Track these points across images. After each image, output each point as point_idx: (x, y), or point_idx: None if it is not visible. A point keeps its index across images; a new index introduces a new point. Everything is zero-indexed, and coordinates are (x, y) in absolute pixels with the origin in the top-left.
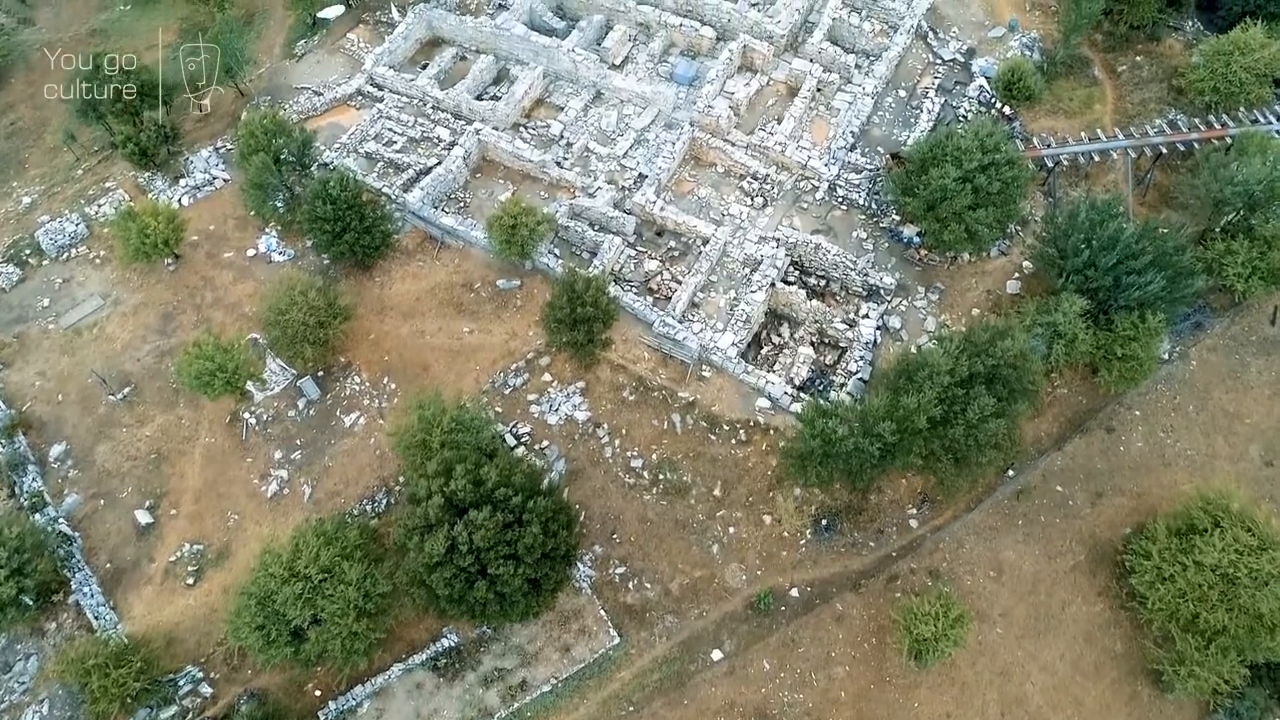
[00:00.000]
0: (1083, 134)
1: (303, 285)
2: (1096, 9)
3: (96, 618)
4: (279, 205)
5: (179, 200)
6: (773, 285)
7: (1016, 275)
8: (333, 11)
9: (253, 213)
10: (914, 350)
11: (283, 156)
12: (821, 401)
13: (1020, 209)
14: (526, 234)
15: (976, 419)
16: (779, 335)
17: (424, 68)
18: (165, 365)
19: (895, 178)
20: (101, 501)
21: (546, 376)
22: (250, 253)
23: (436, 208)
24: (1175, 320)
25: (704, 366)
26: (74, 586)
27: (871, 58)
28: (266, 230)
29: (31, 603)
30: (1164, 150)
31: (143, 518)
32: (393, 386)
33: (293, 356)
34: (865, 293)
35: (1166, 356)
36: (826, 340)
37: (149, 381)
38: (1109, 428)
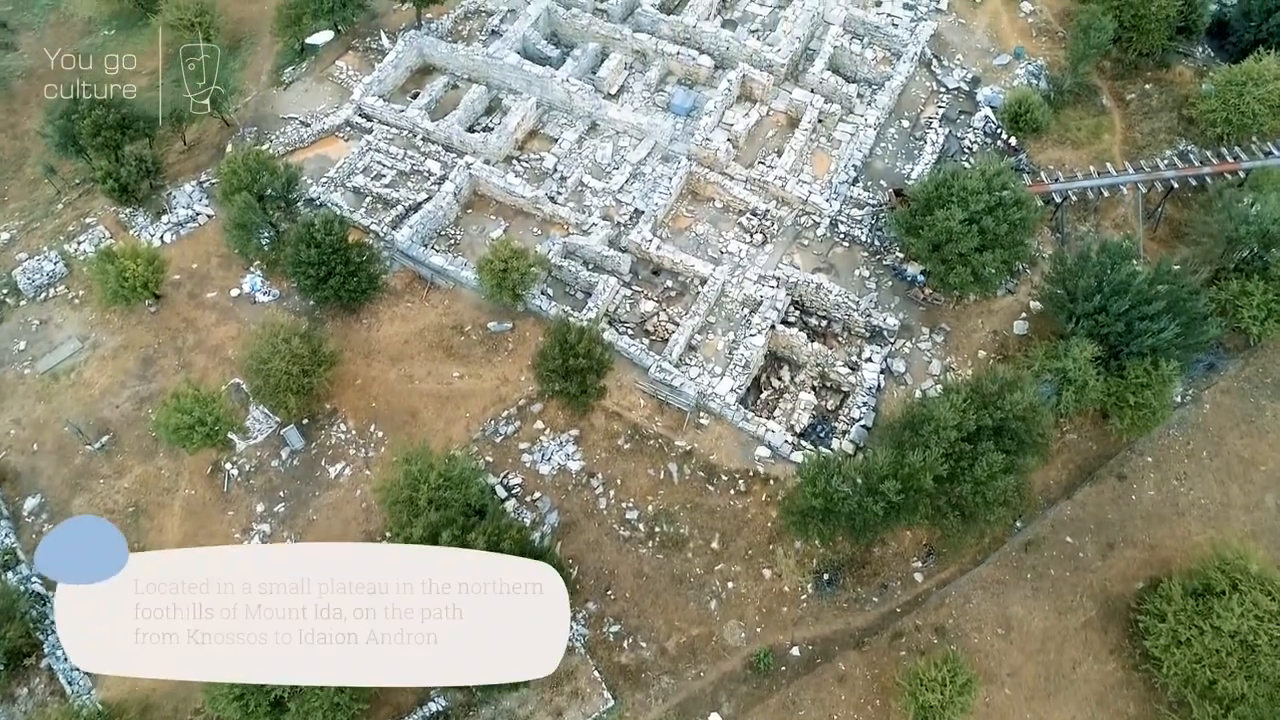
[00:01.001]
0: (1091, 167)
1: (285, 332)
2: (1105, 38)
3: (70, 683)
4: (264, 244)
5: (161, 237)
6: (772, 328)
7: (1024, 315)
8: (321, 38)
9: (236, 251)
10: (919, 395)
11: (267, 194)
12: (824, 450)
13: (1028, 248)
14: (518, 278)
15: (985, 476)
16: (779, 379)
17: (414, 96)
18: (145, 412)
19: (899, 217)
20: None
21: (539, 424)
22: (234, 293)
23: (426, 246)
24: (1189, 366)
25: (701, 414)
26: (47, 650)
27: (874, 86)
28: (251, 269)
29: (2, 667)
30: (1175, 184)
31: None
32: (380, 434)
33: (275, 406)
34: (868, 334)
35: (1179, 399)
36: (828, 384)
37: (128, 430)
38: (1120, 475)
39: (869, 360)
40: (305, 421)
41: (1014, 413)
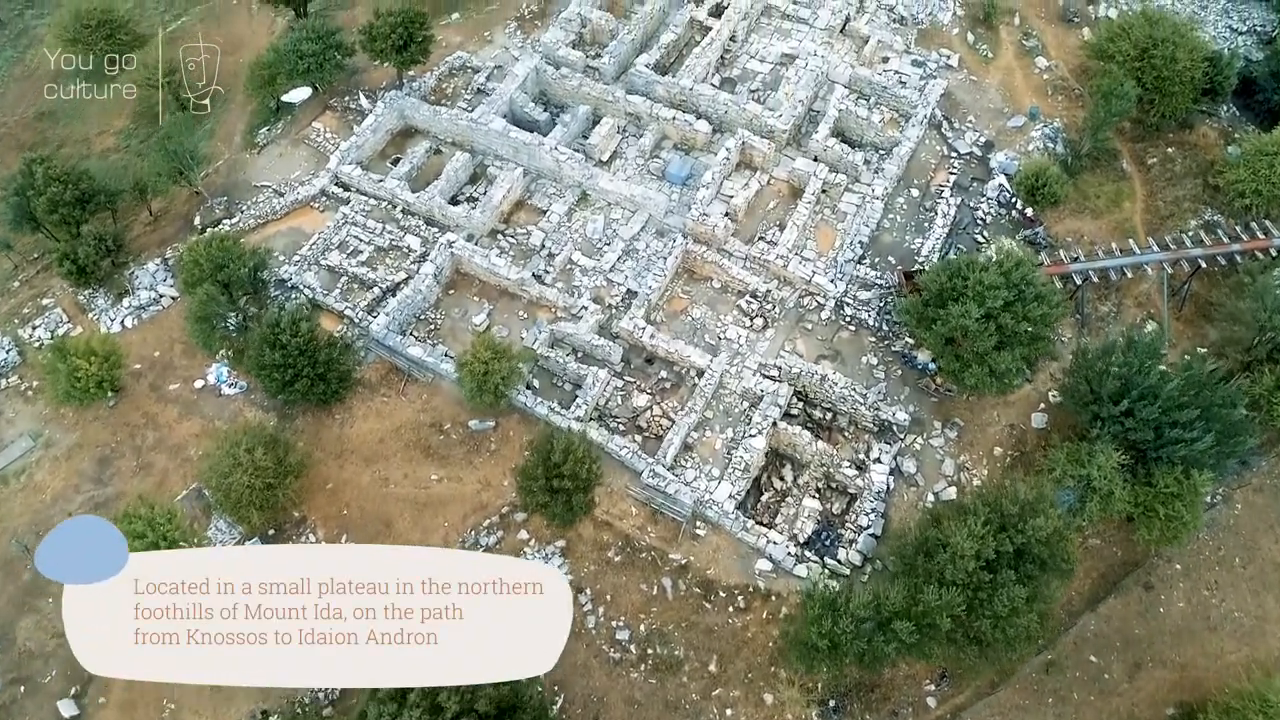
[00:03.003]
0: (1113, 243)
1: (248, 441)
2: (1128, 105)
3: None
4: (230, 330)
5: (121, 322)
6: (774, 425)
7: (1042, 406)
8: (298, 95)
9: (199, 344)
10: (931, 500)
11: (235, 279)
12: (829, 562)
13: (1049, 343)
14: (499, 380)
15: (1006, 612)
16: (781, 479)
17: (394, 162)
18: None
19: (910, 306)
20: (21, 689)
21: (523, 534)
22: (198, 384)
23: (404, 334)
24: (1223, 475)
25: (698, 523)
26: None
27: (881, 151)
28: (216, 359)
29: None
30: (1203, 262)
31: (67, 709)
32: None
33: (238, 519)
34: (876, 428)
35: (1209, 500)
36: (833, 485)
37: None
38: (1147, 585)
39: (877, 460)
40: (271, 533)
41: (1036, 537)
